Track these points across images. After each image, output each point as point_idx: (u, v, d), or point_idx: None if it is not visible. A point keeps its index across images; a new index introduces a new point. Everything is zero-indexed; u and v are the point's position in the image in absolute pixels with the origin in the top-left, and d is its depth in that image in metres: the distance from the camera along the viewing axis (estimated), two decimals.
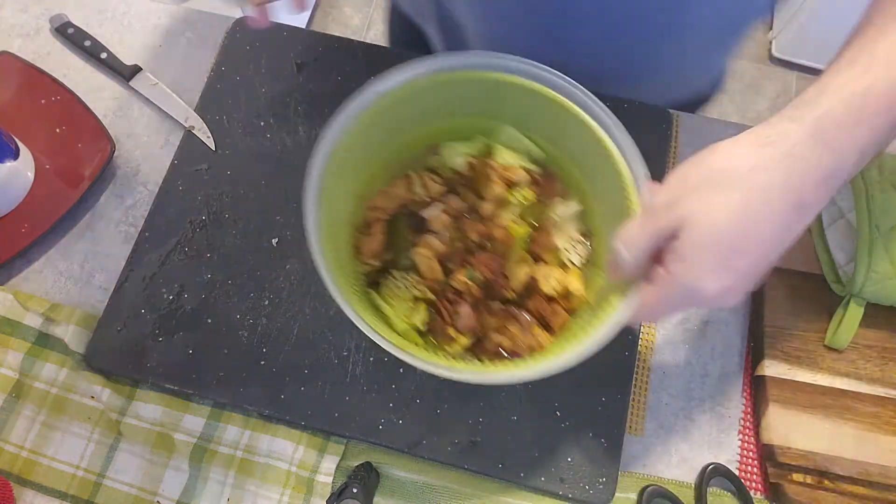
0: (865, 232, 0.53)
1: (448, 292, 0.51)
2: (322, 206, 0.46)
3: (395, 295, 0.51)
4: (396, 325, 0.50)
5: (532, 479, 0.51)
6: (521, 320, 0.51)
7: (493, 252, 0.52)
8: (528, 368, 0.42)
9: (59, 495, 0.52)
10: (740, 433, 0.55)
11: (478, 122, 0.55)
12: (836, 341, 0.54)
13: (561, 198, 0.55)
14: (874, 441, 0.52)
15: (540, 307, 0.51)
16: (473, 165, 0.55)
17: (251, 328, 0.55)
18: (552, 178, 0.55)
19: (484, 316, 0.51)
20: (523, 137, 0.55)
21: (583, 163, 0.52)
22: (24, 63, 0.63)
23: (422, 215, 0.53)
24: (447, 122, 0.55)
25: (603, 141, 0.47)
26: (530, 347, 0.49)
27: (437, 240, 0.52)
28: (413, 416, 0.52)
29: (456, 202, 0.54)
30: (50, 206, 0.58)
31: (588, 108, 0.48)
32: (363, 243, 0.52)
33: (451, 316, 0.50)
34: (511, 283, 0.51)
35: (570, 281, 0.51)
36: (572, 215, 0.54)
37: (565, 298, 0.51)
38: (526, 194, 0.55)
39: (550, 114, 0.50)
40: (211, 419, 0.54)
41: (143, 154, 0.63)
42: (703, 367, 0.57)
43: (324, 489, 0.51)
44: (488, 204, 0.54)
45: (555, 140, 0.54)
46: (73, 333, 0.55)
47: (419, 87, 0.49)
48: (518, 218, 0.54)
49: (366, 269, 0.52)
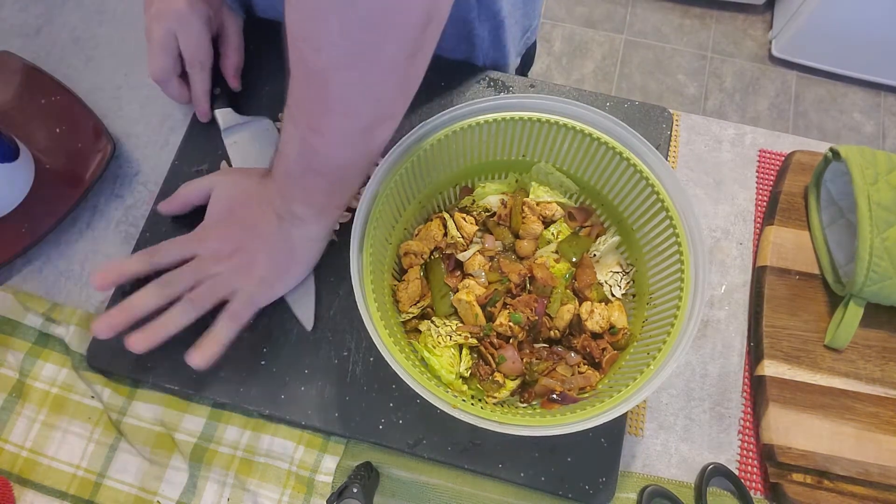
0: (865, 232, 0.53)
1: (491, 336, 0.50)
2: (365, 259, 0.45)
3: (437, 343, 0.49)
4: (443, 377, 0.48)
5: (532, 479, 0.51)
6: (568, 360, 0.50)
7: (535, 292, 0.51)
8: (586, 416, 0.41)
9: (59, 495, 0.52)
10: (740, 433, 0.55)
11: (510, 159, 0.54)
12: (836, 341, 0.54)
13: (598, 231, 0.55)
14: (874, 441, 0.52)
15: (587, 345, 0.50)
16: (507, 203, 0.55)
17: (251, 328, 0.55)
18: (588, 212, 0.55)
19: (530, 358, 0.50)
20: (556, 171, 0.55)
21: (620, 193, 0.52)
22: (24, 63, 0.63)
23: (458, 258, 0.53)
24: (480, 162, 0.54)
25: (642, 170, 0.47)
26: (580, 388, 0.48)
27: (476, 282, 0.51)
28: (413, 416, 0.52)
29: (492, 242, 0.53)
30: (50, 206, 0.58)
31: (622, 138, 0.48)
32: (401, 291, 0.51)
33: (496, 360, 0.49)
34: (555, 322, 0.50)
35: (613, 314, 0.50)
36: (611, 247, 0.54)
37: (610, 333, 0.50)
38: (562, 229, 0.54)
39: (584, 147, 0.50)
40: (211, 419, 0.54)
41: (143, 154, 0.63)
42: (703, 367, 0.57)
43: (324, 489, 0.51)
44: (525, 242, 0.53)
45: (588, 172, 0.53)
46: (74, 333, 0.55)
47: (456, 130, 0.49)
48: (557, 255, 0.53)
49: (405, 317, 0.51)
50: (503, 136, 0.51)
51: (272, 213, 0.50)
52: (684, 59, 1.83)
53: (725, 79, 1.80)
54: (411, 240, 0.53)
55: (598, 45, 1.85)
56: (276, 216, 0.50)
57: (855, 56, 1.69)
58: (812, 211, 0.59)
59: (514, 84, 0.63)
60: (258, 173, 0.54)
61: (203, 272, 0.51)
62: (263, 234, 0.51)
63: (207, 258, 0.51)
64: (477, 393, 0.49)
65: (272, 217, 0.50)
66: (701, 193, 0.62)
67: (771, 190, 0.62)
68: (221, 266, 0.51)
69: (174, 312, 0.50)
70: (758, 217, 0.62)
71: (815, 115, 1.76)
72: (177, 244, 0.53)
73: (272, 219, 0.51)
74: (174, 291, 0.50)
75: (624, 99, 0.62)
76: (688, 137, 0.64)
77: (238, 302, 0.51)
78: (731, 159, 0.64)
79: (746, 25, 1.87)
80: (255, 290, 0.51)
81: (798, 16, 1.65)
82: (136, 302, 0.49)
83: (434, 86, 0.63)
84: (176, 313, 0.50)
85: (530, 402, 0.49)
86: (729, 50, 1.84)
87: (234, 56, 0.61)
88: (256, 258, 0.51)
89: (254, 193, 0.53)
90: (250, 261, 0.51)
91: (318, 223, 0.51)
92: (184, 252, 0.52)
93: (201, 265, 0.51)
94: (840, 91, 1.78)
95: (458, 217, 0.54)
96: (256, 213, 0.52)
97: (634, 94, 1.78)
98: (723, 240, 0.61)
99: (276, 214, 0.50)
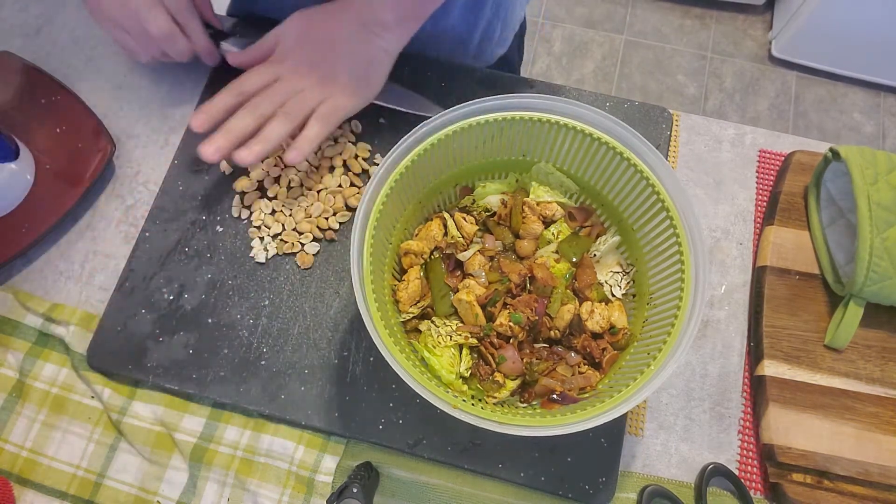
0: (865, 232, 0.53)
1: (491, 336, 0.50)
2: (365, 259, 0.45)
3: (437, 343, 0.49)
4: (443, 377, 0.48)
5: (532, 479, 0.51)
6: (568, 360, 0.50)
7: (535, 292, 0.51)
8: (586, 416, 0.41)
9: (59, 495, 0.52)
10: (740, 433, 0.55)
11: (510, 159, 0.54)
12: (836, 341, 0.54)
13: (599, 231, 0.55)
14: (874, 441, 0.52)
15: (587, 345, 0.50)
16: (507, 203, 0.54)
17: (251, 328, 0.55)
18: (588, 212, 0.55)
19: (530, 358, 0.50)
20: (556, 171, 0.55)
21: (620, 193, 0.52)
22: (24, 63, 0.63)
23: (458, 258, 0.53)
24: (480, 162, 0.54)
25: (642, 170, 0.47)
26: (580, 388, 0.48)
27: (476, 282, 0.51)
28: (413, 416, 0.52)
29: (492, 242, 0.53)
30: (50, 206, 0.58)
31: (622, 138, 0.48)
32: (401, 291, 0.51)
33: (496, 360, 0.49)
34: (555, 322, 0.50)
35: (613, 314, 0.50)
36: (611, 247, 0.54)
37: (610, 333, 0.50)
38: (562, 229, 0.54)
39: (584, 147, 0.50)
40: (211, 419, 0.54)
41: (143, 154, 0.63)
42: (703, 367, 0.57)
43: (324, 489, 0.51)
44: (525, 242, 0.53)
45: (588, 172, 0.53)
46: (74, 333, 0.55)
47: (457, 130, 0.49)
48: (557, 254, 0.53)
49: (405, 317, 0.51)
50: (503, 136, 0.51)
51: (355, 23, 0.54)
52: (684, 59, 1.83)
53: (725, 79, 1.80)
54: (411, 240, 0.53)
55: (598, 46, 1.85)
56: (359, 24, 0.54)
57: (855, 56, 1.69)
58: (812, 211, 0.59)
59: (514, 84, 0.63)
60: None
61: (290, 89, 0.55)
62: (343, 44, 0.55)
63: (291, 77, 0.55)
64: (477, 393, 0.49)
65: (355, 26, 0.54)
66: (701, 193, 0.62)
67: (771, 190, 0.62)
68: (305, 81, 0.55)
69: (273, 125, 0.54)
70: (758, 217, 0.62)
71: (815, 116, 1.76)
72: (258, 72, 0.56)
73: (354, 28, 0.54)
74: (267, 110, 0.54)
75: (624, 99, 0.62)
76: (688, 137, 0.64)
77: (327, 105, 0.55)
78: (731, 159, 0.64)
79: (746, 25, 1.87)
80: (341, 97, 0.55)
81: (798, 16, 1.65)
82: (233, 124, 0.54)
83: (434, 86, 0.63)
84: (275, 125, 0.54)
85: (530, 402, 0.49)
86: (729, 50, 1.84)
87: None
88: (337, 68, 0.55)
89: (334, 9, 0.56)
90: (332, 71, 0.55)
91: (398, 33, 0.55)
92: (266, 77, 0.56)
93: (287, 83, 0.55)
94: (840, 91, 1.78)
95: (458, 217, 0.54)
96: (335, 26, 0.55)
97: (634, 95, 1.78)
98: (723, 240, 0.61)
99: (361, 22, 0.54)
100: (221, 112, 0.55)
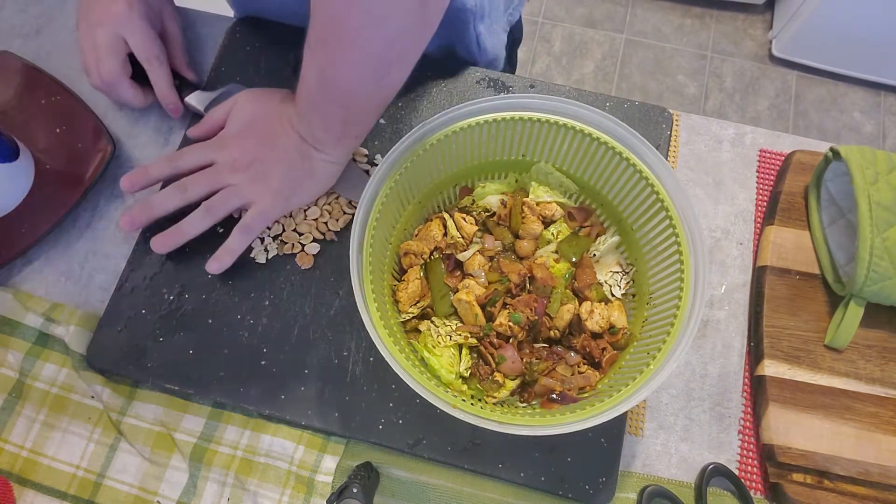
0: (866, 232, 0.53)
1: (491, 336, 0.50)
2: (365, 259, 0.45)
3: (436, 343, 0.49)
4: (443, 377, 0.48)
5: (532, 479, 0.51)
6: (568, 360, 0.50)
7: (535, 292, 0.51)
8: (586, 416, 0.41)
9: (59, 495, 0.52)
10: (740, 433, 0.55)
11: (510, 159, 0.54)
12: (836, 341, 0.54)
13: (598, 231, 0.55)
14: (874, 441, 0.52)
15: (586, 345, 0.50)
16: (507, 203, 0.54)
17: (251, 328, 0.55)
18: (588, 212, 0.55)
19: (529, 358, 0.50)
20: (556, 171, 0.54)
21: (620, 193, 0.52)
22: (24, 63, 0.63)
23: (457, 258, 0.53)
24: (480, 162, 0.54)
25: (642, 170, 0.47)
26: (580, 388, 0.48)
27: (476, 282, 0.51)
28: (413, 416, 0.52)
29: (491, 242, 0.53)
30: (50, 206, 0.58)
31: (622, 138, 0.48)
32: (401, 291, 0.51)
33: (496, 360, 0.49)
34: (555, 322, 0.50)
35: (613, 314, 0.50)
36: (611, 247, 0.54)
37: (610, 332, 0.50)
38: (562, 229, 0.54)
39: (584, 147, 0.50)
40: (211, 419, 0.54)
41: (143, 154, 0.63)
42: (703, 367, 0.57)
43: (324, 489, 0.51)
44: (525, 242, 0.53)
45: (588, 172, 0.53)
46: (74, 333, 0.55)
47: (456, 130, 0.49)
48: (556, 254, 0.53)
49: (404, 317, 0.51)
50: (503, 136, 0.51)
51: (293, 131, 0.52)
52: (684, 59, 1.83)
53: (725, 79, 1.80)
54: (411, 240, 0.53)
55: (598, 45, 1.85)
56: (296, 134, 0.52)
57: (855, 56, 1.69)
58: (812, 211, 0.59)
59: (514, 84, 0.63)
60: (281, 93, 0.56)
61: (220, 180, 0.53)
62: (281, 148, 0.53)
63: (225, 166, 0.54)
64: (477, 393, 0.49)
65: (292, 134, 0.52)
66: (701, 193, 0.62)
67: (771, 190, 0.62)
68: (238, 176, 0.53)
69: (192, 218, 0.53)
70: (758, 217, 0.62)
71: (816, 115, 1.76)
72: (197, 150, 0.55)
73: (292, 135, 0.52)
74: (191, 196, 0.54)
75: (624, 99, 0.62)
76: (688, 137, 0.64)
77: (251, 216, 0.53)
78: (731, 159, 0.64)
79: (746, 25, 1.87)
80: (269, 203, 0.53)
81: (798, 16, 1.65)
82: (155, 201, 0.53)
83: (434, 86, 0.63)
84: (194, 219, 0.53)
85: (530, 402, 0.49)
86: (729, 50, 1.84)
87: (180, 50, 0.63)
88: (272, 171, 0.53)
89: (275, 110, 0.55)
90: (266, 172, 0.53)
91: (336, 149, 0.53)
92: (203, 158, 0.55)
93: (218, 173, 0.54)
94: (840, 91, 1.78)
95: (457, 217, 0.54)
96: (276, 129, 0.53)
97: (634, 94, 1.78)
98: (723, 240, 0.61)
99: (297, 133, 0.52)
100: (151, 180, 0.55)
